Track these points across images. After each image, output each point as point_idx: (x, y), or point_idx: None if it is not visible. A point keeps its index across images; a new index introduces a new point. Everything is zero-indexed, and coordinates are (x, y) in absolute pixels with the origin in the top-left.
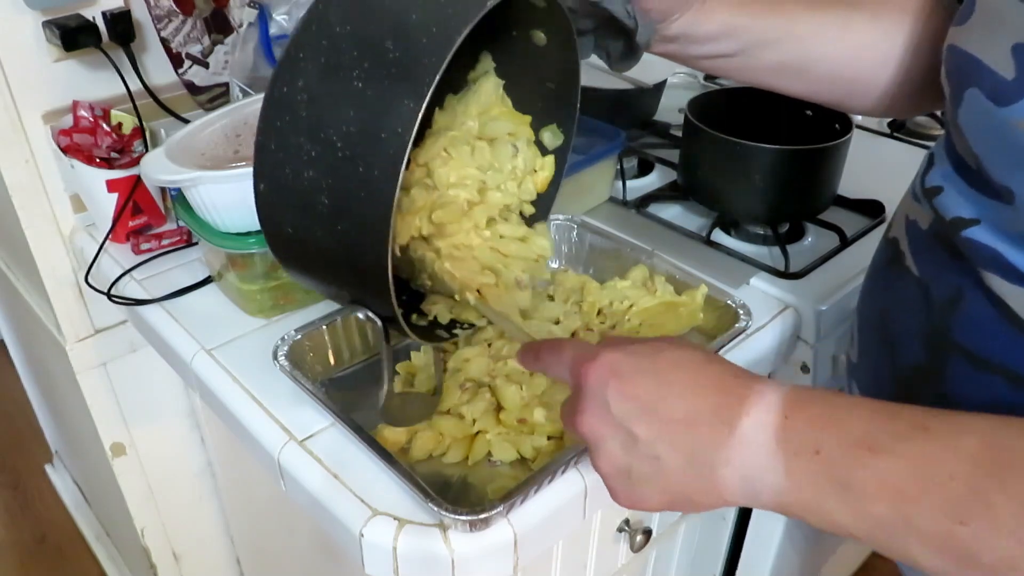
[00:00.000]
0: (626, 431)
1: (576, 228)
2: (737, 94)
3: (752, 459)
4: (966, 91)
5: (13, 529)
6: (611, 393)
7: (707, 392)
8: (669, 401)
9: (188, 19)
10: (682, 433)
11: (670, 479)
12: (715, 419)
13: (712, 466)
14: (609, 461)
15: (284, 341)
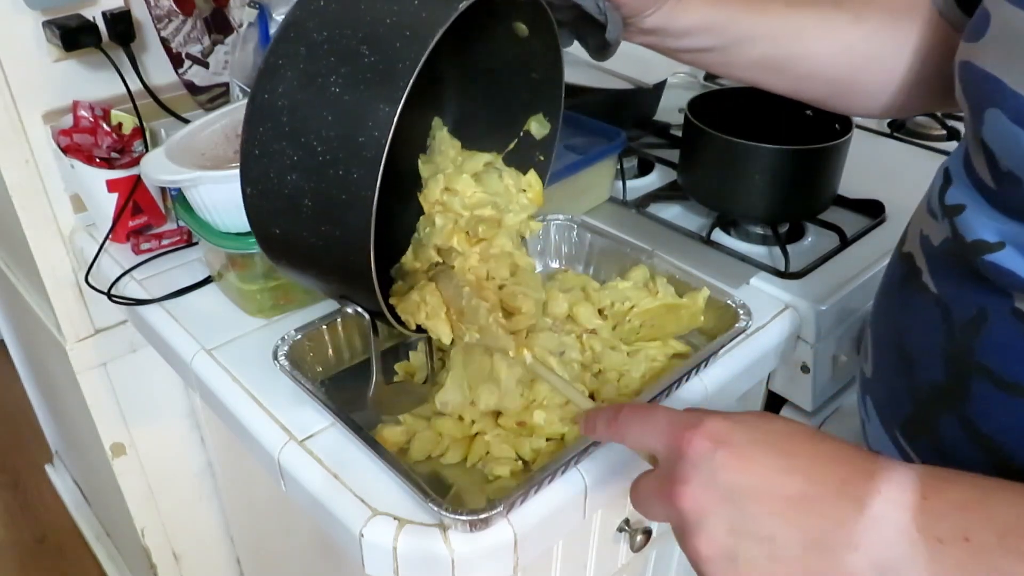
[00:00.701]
0: (736, 507)
1: (576, 228)
2: (737, 94)
3: (887, 543)
4: (987, 111)
5: (13, 529)
6: (721, 463)
7: (830, 465)
8: (788, 474)
9: (188, 19)
10: (803, 511)
11: (784, 563)
12: (841, 496)
13: (837, 550)
14: (712, 543)
15: (284, 341)
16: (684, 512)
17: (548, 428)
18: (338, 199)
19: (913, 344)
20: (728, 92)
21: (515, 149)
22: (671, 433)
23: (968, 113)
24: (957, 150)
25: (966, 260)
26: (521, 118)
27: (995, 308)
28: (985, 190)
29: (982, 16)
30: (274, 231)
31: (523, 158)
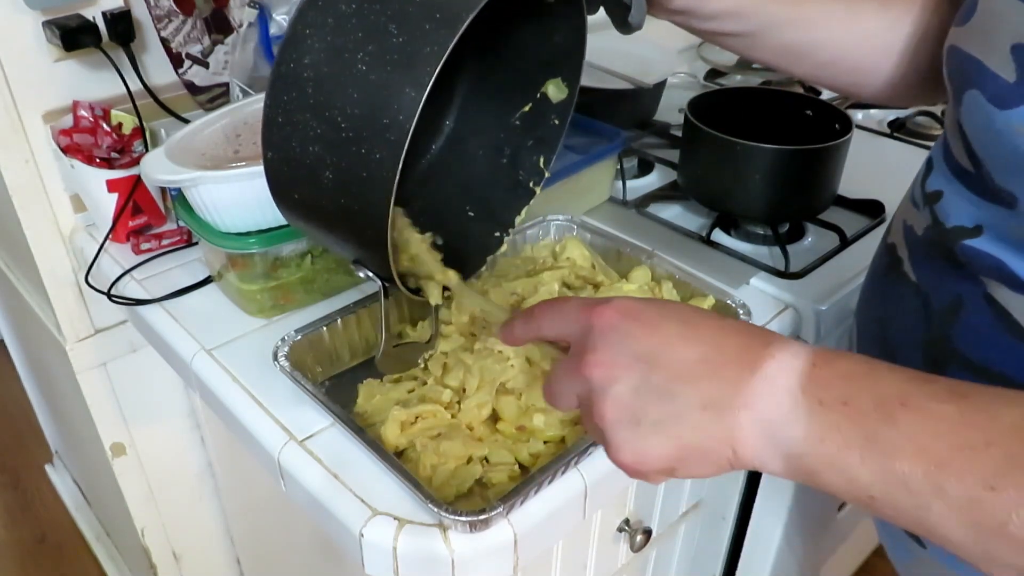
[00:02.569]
0: (641, 370)
1: (576, 228)
2: (737, 94)
3: (774, 404)
4: (966, 92)
5: (13, 529)
6: (628, 331)
7: (731, 335)
8: (692, 341)
9: (188, 19)
10: (703, 373)
11: (683, 423)
12: (739, 361)
13: (731, 408)
14: (617, 405)
15: (284, 341)
16: (592, 379)
17: (548, 431)
18: (359, 176)
19: (895, 333)
20: (728, 92)
21: (530, 112)
22: (583, 312)
23: (951, 97)
24: (940, 138)
25: (945, 247)
26: (539, 80)
27: (969, 295)
28: (963, 174)
29: (971, 3)
30: (293, 195)
31: (537, 121)
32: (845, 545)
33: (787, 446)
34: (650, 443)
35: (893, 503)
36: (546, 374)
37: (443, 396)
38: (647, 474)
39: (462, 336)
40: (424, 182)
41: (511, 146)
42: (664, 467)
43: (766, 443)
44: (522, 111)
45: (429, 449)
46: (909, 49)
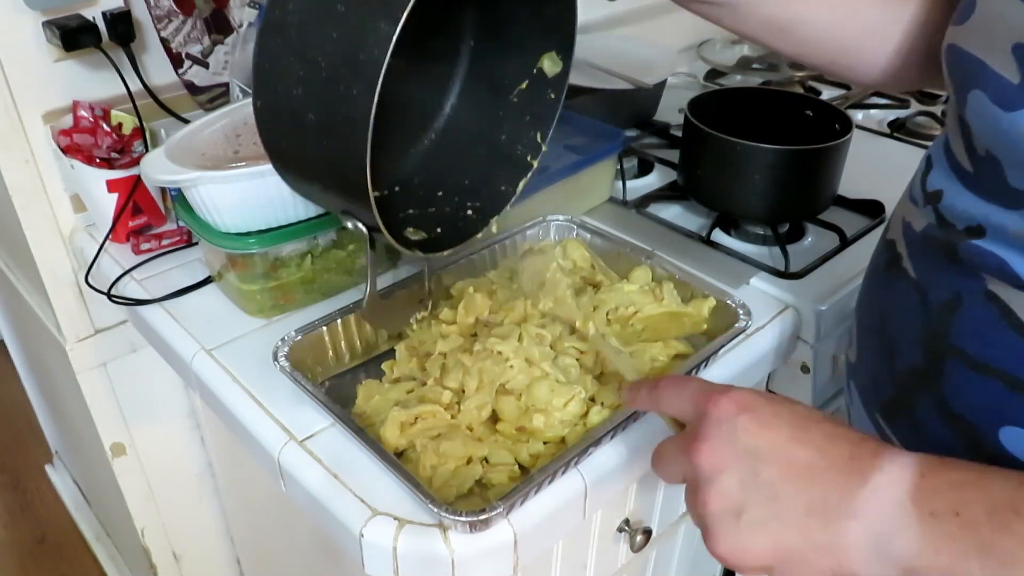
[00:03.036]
0: (749, 466)
1: (576, 228)
2: (737, 94)
3: (883, 514)
4: (970, 92)
5: (13, 529)
6: (742, 424)
7: (840, 443)
8: (802, 444)
9: (188, 19)
10: (810, 479)
11: (786, 525)
12: (847, 469)
13: (838, 518)
14: (721, 497)
15: (284, 342)
16: (700, 466)
17: (548, 432)
18: (339, 115)
19: (894, 329)
20: (728, 92)
21: (527, 88)
22: (701, 397)
23: (952, 95)
24: (939, 137)
25: (947, 244)
26: (535, 56)
27: (969, 291)
28: (962, 174)
29: (969, 0)
30: (281, 144)
31: (534, 97)
32: None
33: (901, 559)
34: (750, 540)
35: None
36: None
37: (443, 397)
38: (741, 568)
39: (462, 336)
40: (426, 160)
41: (509, 123)
42: (759, 564)
43: (876, 556)
44: (519, 88)
45: (429, 449)
46: (890, 30)
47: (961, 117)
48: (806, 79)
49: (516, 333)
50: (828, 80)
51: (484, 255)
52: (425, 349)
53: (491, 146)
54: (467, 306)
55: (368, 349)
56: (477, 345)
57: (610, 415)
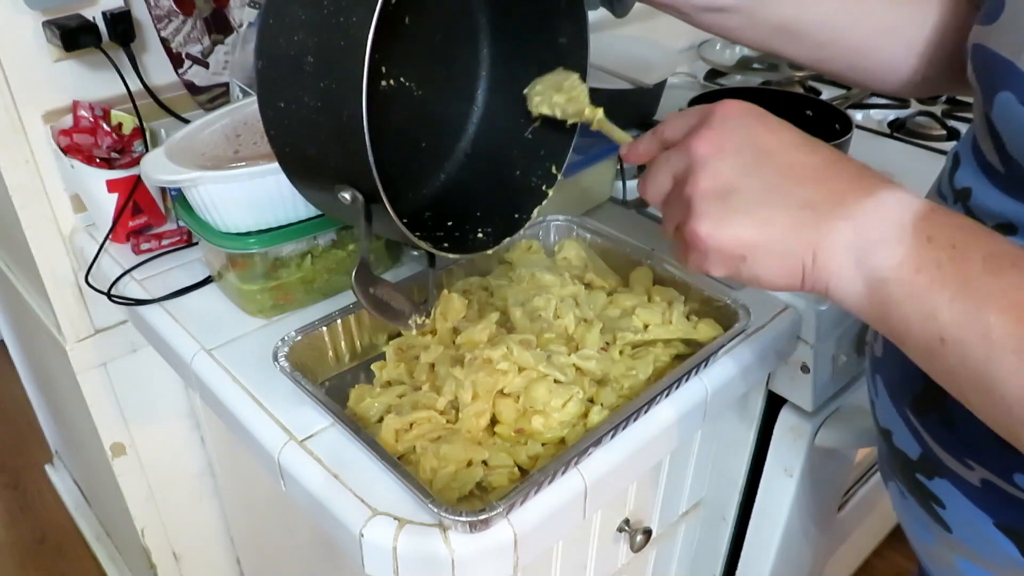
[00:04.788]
0: (752, 157)
1: (576, 228)
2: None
3: (879, 225)
4: (998, 94)
5: (13, 529)
6: (749, 124)
7: (848, 160)
8: (811, 151)
9: (188, 19)
10: (813, 178)
11: (775, 211)
12: (852, 180)
13: (831, 215)
14: (714, 177)
15: (284, 342)
16: (698, 151)
17: (547, 433)
18: (337, 46)
19: None
20: (728, 92)
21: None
22: (704, 108)
23: (979, 95)
24: (967, 133)
25: None
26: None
27: None
28: (992, 172)
29: (998, 1)
30: (279, 104)
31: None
32: (845, 545)
33: (876, 269)
34: (733, 220)
35: (963, 350)
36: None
37: (438, 403)
38: (713, 254)
39: (442, 345)
40: (437, 198)
41: (524, 159)
42: (734, 252)
43: (853, 261)
44: (534, 126)
45: (429, 452)
46: (908, 33)
47: (990, 117)
48: (806, 79)
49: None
50: (828, 80)
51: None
52: (414, 353)
53: (505, 182)
54: (444, 311)
55: (368, 350)
56: (467, 356)
57: (610, 415)
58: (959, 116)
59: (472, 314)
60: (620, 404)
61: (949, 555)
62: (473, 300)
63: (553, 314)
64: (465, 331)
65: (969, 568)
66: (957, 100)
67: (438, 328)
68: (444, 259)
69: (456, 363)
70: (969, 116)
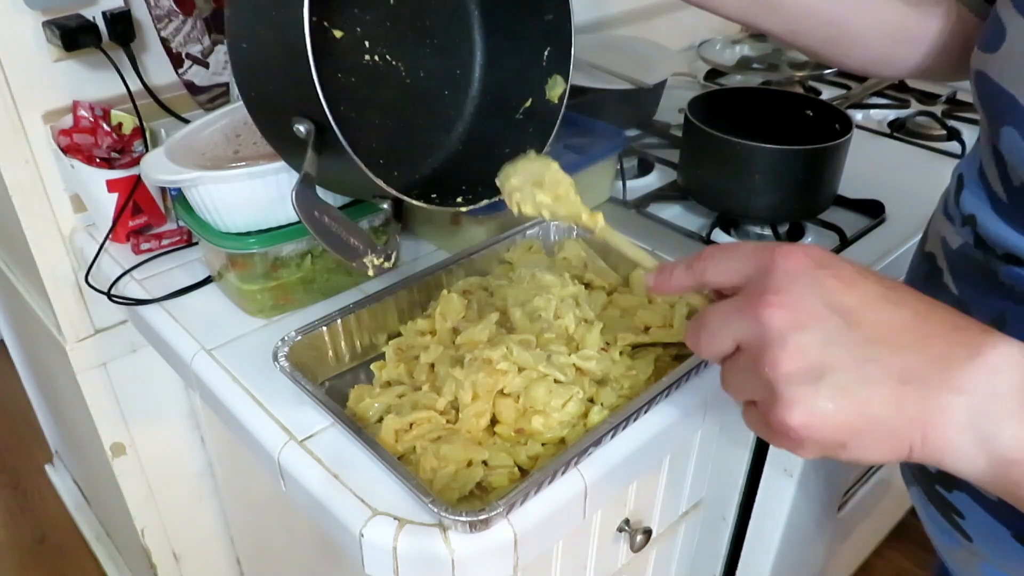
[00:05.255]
0: (836, 324)
1: (576, 228)
2: (737, 94)
3: (995, 396)
4: (1003, 128)
5: (13, 529)
6: (824, 280)
7: (939, 310)
8: (897, 305)
9: (188, 19)
10: (908, 343)
11: (874, 392)
12: (952, 338)
13: (939, 389)
14: (798, 355)
15: (284, 342)
16: (771, 322)
17: (547, 433)
18: None
19: None
20: (728, 92)
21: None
22: (763, 252)
23: (985, 123)
24: (971, 155)
25: (987, 267)
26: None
27: (1013, 312)
28: (997, 202)
29: (997, 28)
30: (242, 45)
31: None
32: (845, 545)
33: (1001, 450)
34: (830, 407)
35: None
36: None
37: (438, 404)
38: (809, 443)
39: (442, 345)
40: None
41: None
42: (835, 439)
43: (972, 438)
44: (524, 107)
45: (429, 452)
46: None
47: (997, 147)
48: (806, 79)
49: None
50: (828, 80)
51: (484, 254)
52: (413, 353)
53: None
54: (444, 311)
55: (368, 349)
56: (467, 356)
57: (610, 415)
58: (959, 116)
59: (472, 314)
60: (620, 404)
61: (972, 559)
62: (473, 300)
63: (553, 314)
64: (465, 331)
65: (993, 572)
66: (957, 100)
67: (438, 328)
68: (444, 260)
69: (456, 363)
70: (969, 116)
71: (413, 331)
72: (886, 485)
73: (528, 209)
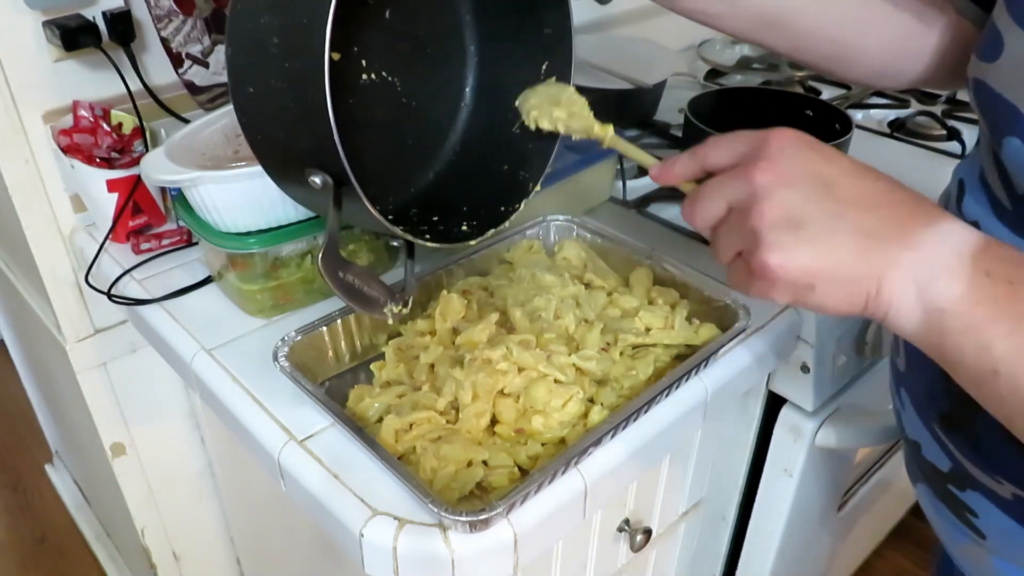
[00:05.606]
0: (816, 186)
1: (576, 228)
2: (737, 94)
3: (940, 255)
4: (1005, 138)
5: (13, 529)
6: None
7: (905, 188)
8: (871, 178)
9: (188, 19)
10: (875, 204)
11: (842, 242)
12: (912, 208)
13: (895, 244)
14: (782, 207)
15: (284, 342)
16: (760, 182)
17: (547, 433)
18: (300, 24)
19: None
20: (728, 92)
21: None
22: (756, 136)
23: (986, 131)
24: (971, 159)
25: None
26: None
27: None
28: (1000, 209)
29: (994, 37)
30: (248, 89)
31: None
32: (845, 545)
33: (935, 300)
34: (802, 250)
35: (1015, 382)
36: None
37: (438, 404)
38: (781, 284)
39: (441, 345)
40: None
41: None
42: (803, 282)
43: (914, 290)
44: (521, 121)
45: (429, 453)
46: (888, 25)
47: (999, 156)
48: (806, 79)
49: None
50: (828, 80)
51: (484, 254)
52: (413, 353)
53: (493, 177)
54: (444, 311)
55: (368, 349)
56: (467, 356)
57: (610, 415)
58: (959, 116)
59: (472, 314)
60: (620, 404)
61: (985, 555)
62: (473, 300)
63: (553, 314)
64: (465, 331)
65: (1006, 567)
66: (957, 100)
67: (438, 328)
68: (444, 260)
69: (456, 364)
70: (969, 116)
71: (413, 331)
72: (886, 485)
73: (545, 124)
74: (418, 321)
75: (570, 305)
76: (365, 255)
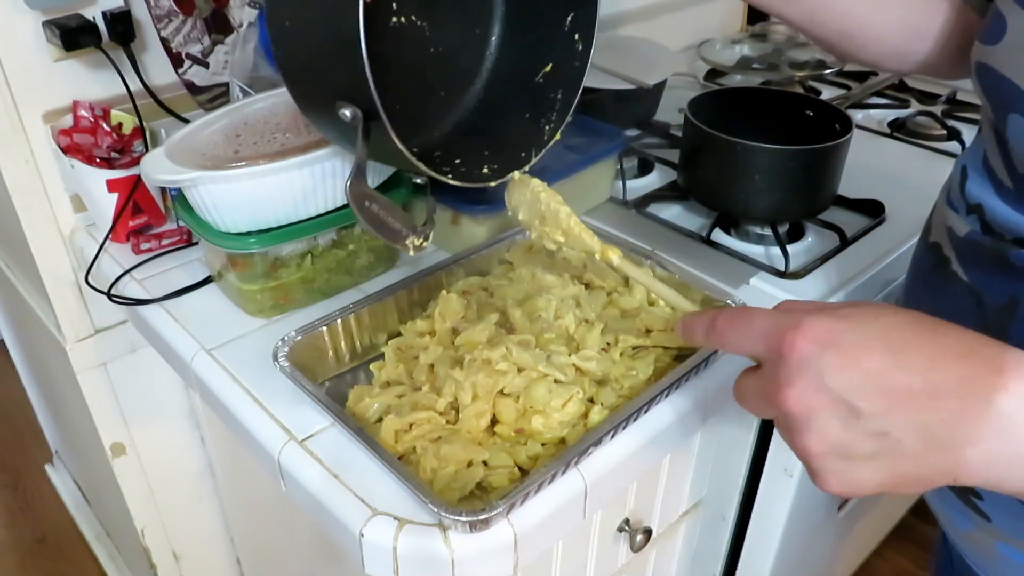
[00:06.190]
0: (848, 405)
1: None
2: (737, 94)
3: (1011, 440)
4: (1009, 115)
5: (13, 529)
6: (828, 363)
7: (949, 360)
8: (902, 371)
9: (188, 19)
10: (920, 408)
11: (899, 458)
12: (964, 391)
13: (956, 445)
14: (822, 439)
15: (284, 342)
16: (792, 412)
17: (547, 434)
18: None
19: None
20: (728, 92)
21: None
22: (771, 336)
23: (989, 111)
24: (973, 147)
25: (997, 252)
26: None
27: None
28: (1002, 189)
29: (997, 20)
30: (284, 23)
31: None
32: (845, 545)
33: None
34: (861, 475)
35: None
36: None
37: (438, 404)
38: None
39: (441, 346)
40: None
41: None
42: (878, 491)
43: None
44: (544, 71)
45: (429, 453)
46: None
47: (1003, 135)
48: (806, 79)
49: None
50: (828, 80)
51: (484, 254)
52: (413, 354)
53: (514, 124)
54: (443, 311)
55: (368, 350)
56: (466, 357)
57: (610, 415)
58: (959, 116)
59: (471, 314)
60: (620, 404)
61: (989, 540)
62: (473, 300)
63: (553, 314)
64: (464, 332)
65: (1010, 551)
66: (957, 100)
67: (437, 328)
68: (444, 260)
69: (456, 364)
70: (969, 116)
71: (413, 331)
72: None
73: (551, 246)
74: (418, 321)
75: (570, 305)
76: (365, 255)
